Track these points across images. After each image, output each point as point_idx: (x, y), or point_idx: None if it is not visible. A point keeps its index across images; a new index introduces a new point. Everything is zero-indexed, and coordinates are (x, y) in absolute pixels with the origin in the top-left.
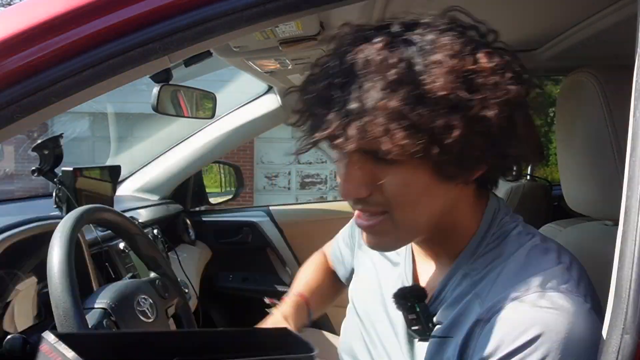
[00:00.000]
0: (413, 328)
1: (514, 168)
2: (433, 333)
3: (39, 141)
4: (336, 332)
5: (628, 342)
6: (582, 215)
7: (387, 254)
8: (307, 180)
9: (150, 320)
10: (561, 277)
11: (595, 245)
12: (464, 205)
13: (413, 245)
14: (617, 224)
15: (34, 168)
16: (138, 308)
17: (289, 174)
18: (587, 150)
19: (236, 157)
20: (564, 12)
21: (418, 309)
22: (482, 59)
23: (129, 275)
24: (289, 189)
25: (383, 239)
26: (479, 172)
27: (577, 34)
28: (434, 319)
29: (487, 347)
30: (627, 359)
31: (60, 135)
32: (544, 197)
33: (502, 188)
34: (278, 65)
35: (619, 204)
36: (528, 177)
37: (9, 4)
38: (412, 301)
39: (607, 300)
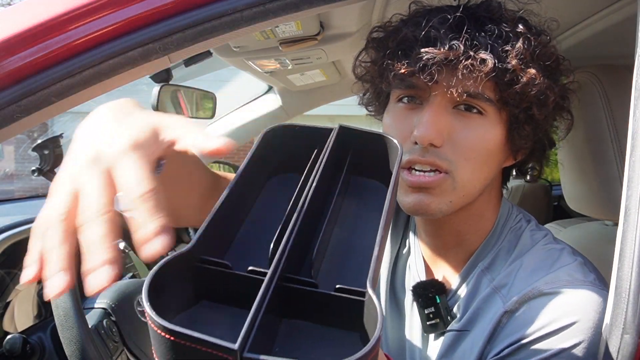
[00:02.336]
0: (429, 322)
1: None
2: (450, 327)
3: (39, 141)
4: None
5: (628, 342)
6: (582, 215)
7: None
8: None
9: None
10: (583, 271)
11: (595, 245)
12: (491, 193)
13: (422, 248)
14: (617, 224)
15: (34, 168)
16: (138, 308)
17: None
18: (587, 151)
19: (236, 157)
20: (563, 12)
21: (439, 301)
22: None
23: (129, 275)
24: None
25: (436, 199)
26: (520, 155)
27: (577, 34)
28: (452, 313)
29: (519, 332)
30: (627, 359)
31: (60, 135)
32: (544, 197)
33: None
34: (278, 65)
35: (619, 204)
36: (528, 177)
37: (9, 4)
38: (433, 293)
39: None
